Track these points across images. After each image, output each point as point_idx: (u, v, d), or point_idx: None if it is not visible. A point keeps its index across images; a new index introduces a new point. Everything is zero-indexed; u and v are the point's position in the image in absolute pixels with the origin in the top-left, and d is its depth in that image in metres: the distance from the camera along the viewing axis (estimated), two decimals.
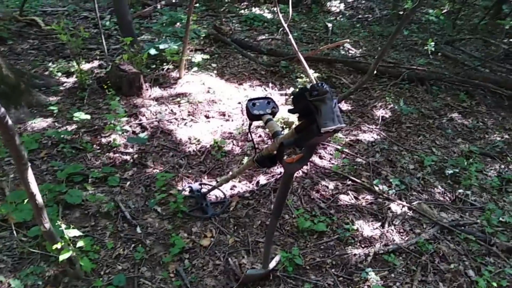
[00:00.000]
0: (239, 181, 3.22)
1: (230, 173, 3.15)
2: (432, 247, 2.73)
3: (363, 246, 2.73)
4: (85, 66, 4.74)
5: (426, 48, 6.22)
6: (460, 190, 3.41)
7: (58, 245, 1.97)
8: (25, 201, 2.44)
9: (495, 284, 2.49)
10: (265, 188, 3.16)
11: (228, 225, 2.78)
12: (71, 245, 2.22)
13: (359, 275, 2.47)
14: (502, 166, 3.89)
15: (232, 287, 2.29)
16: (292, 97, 1.54)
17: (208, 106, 4.28)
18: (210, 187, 2.98)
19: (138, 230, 2.61)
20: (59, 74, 4.50)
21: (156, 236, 2.60)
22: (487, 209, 3.18)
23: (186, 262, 2.43)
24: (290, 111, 1.60)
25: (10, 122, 1.52)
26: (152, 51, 4.78)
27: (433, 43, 5.70)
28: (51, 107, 3.79)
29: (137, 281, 2.27)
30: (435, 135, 4.36)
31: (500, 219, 3.07)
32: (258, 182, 3.22)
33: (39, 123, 3.59)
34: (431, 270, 2.58)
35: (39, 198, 1.83)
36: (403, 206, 3.12)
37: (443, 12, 8.58)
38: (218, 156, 3.47)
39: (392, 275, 2.53)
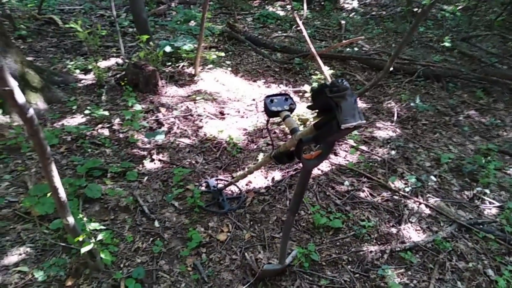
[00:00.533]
0: (255, 177, 3.23)
1: (246, 169, 3.17)
2: (450, 245, 2.71)
3: (379, 243, 2.72)
4: (102, 64, 4.81)
5: (441, 44, 6.16)
6: (478, 188, 3.37)
7: (80, 238, 2.01)
8: (48, 194, 2.50)
9: None
10: (280, 184, 3.17)
11: (244, 220, 2.80)
12: (92, 238, 2.28)
13: (375, 272, 2.47)
14: None
15: (249, 282, 2.31)
16: (311, 93, 1.55)
17: (223, 103, 4.31)
18: (226, 182, 3.01)
19: (156, 224, 2.65)
20: (77, 71, 4.58)
21: (174, 230, 2.63)
22: (506, 207, 3.13)
23: (203, 256, 2.46)
24: (309, 107, 1.60)
25: (34, 116, 1.57)
26: (168, 49, 4.83)
27: (449, 40, 5.64)
28: (70, 103, 3.87)
29: (156, 274, 2.31)
30: (452, 132, 4.31)
31: None
32: (273, 178, 3.23)
33: (59, 119, 3.66)
34: (449, 269, 2.56)
35: (62, 192, 1.88)
36: (420, 203, 3.10)
37: (459, 8, 8.45)
38: (233, 152, 3.49)
39: (409, 272, 2.51)
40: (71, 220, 2.03)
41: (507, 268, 2.58)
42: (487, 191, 3.35)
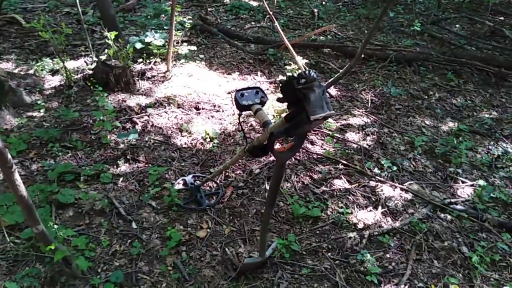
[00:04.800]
0: (233, 171, 3.22)
1: (223, 164, 3.15)
2: (426, 226, 2.78)
3: (357, 228, 2.76)
4: (70, 63, 4.65)
5: (412, 29, 6.24)
6: (451, 169, 3.46)
7: (52, 246, 1.95)
8: (16, 203, 2.42)
9: (488, 259, 2.55)
10: (258, 176, 3.17)
11: (224, 216, 2.78)
12: (66, 244, 2.22)
13: (355, 258, 2.51)
14: (491, 143, 3.94)
15: (231, 277, 2.31)
16: (280, 86, 1.55)
17: (198, 98, 4.25)
18: (203, 179, 2.98)
19: (134, 225, 2.60)
20: (44, 72, 4.41)
21: (152, 230, 2.59)
22: (478, 186, 3.24)
23: (183, 255, 2.44)
24: (279, 100, 1.60)
25: None
26: (138, 45, 4.71)
27: (419, 24, 5.71)
28: (38, 106, 3.73)
29: (135, 276, 2.27)
30: (425, 115, 4.40)
31: (491, 195, 3.13)
32: (251, 171, 3.22)
33: (27, 123, 3.53)
34: (426, 249, 2.63)
35: (28, 200, 1.81)
36: (396, 187, 3.16)
37: None
38: (210, 147, 3.46)
39: (388, 255, 2.57)
40: (41, 228, 1.97)
41: (479, 244, 2.67)
42: (460, 171, 3.45)
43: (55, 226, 2.05)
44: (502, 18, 7.23)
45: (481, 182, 3.28)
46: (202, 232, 2.61)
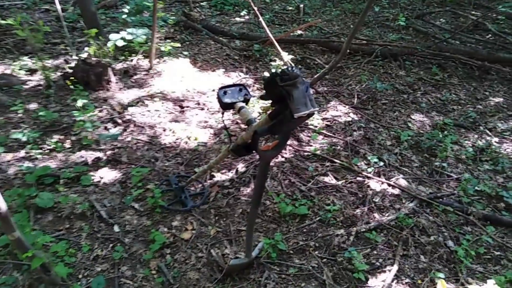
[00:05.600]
0: (218, 171, 3.16)
1: (208, 163, 3.09)
2: (412, 221, 2.77)
3: (345, 226, 2.74)
4: (50, 62, 4.52)
5: (397, 23, 6.25)
6: (437, 163, 3.47)
7: (29, 253, 1.88)
8: None
9: (473, 252, 2.56)
10: (244, 175, 3.12)
11: (209, 216, 2.73)
12: (44, 251, 2.14)
13: (342, 255, 2.49)
14: (476, 136, 3.96)
15: (217, 279, 2.27)
16: (263, 83, 1.50)
17: (182, 96, 4.17)
18: (188, 179, 2.91)
19: (116, 228, 2.53)
20: (22, 72, 4.27)
21: (135, 233, 2.53)
22: (463, 179, 3.25)
23: (167, 258, 2.38)
24: (262, 97, 1.56)
25: None
26: (119, 42, 4.60)
27: (403, 18, 5.71)
28: (15, 107, 3.60)
29: (118, 281, 2.21)
30: (410, 109, 4.40)
31: (476, 188, 3.14)
32: (237, 170, 3.17)
33: (4, 124, 3.41)
34: (412, 244, 2.62)
35: (2, 206, 1.73)
36: (382, 183, 3.15)
37: None
38: (194, 146, 3.40)
39: (375, 252, 2.56)
40: (17, 235, 1.89)
41: (465, 238, 2.68)
42: (445, 164, 3.46)
43: (34, 232, 1.97)
44: (479, 13, 7.24)
45: (466, 175, 3.29)
46: (186, 234, 2.56)
